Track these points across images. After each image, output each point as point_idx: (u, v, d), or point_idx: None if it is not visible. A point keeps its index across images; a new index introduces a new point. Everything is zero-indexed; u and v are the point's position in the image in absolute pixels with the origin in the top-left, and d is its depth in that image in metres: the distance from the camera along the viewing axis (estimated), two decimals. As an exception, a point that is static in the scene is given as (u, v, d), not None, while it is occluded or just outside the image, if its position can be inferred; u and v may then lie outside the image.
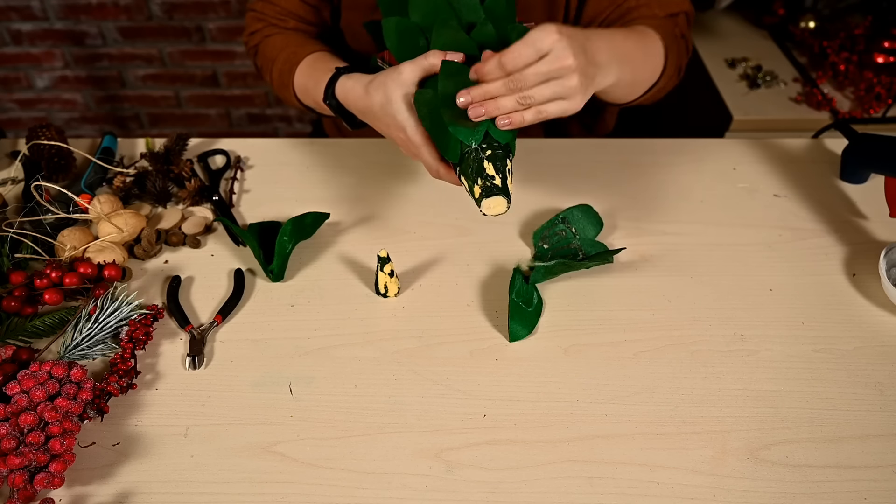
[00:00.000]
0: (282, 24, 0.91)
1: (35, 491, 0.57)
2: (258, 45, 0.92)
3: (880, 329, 0.72)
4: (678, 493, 0.58)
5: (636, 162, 0.94)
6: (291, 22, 0.91)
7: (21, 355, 0.66)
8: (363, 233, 0.83)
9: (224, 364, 0.68)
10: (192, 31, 1.98)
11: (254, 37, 0.93)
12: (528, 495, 0.58)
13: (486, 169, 0.62)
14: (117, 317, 0.69)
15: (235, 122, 2.22)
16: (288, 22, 0.91)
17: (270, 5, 0.91)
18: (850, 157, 0.89)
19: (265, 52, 0.90)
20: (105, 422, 0.63)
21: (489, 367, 0.68)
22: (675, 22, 0.85)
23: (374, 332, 0.72)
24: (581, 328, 0.72)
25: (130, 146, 0.97)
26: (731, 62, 1.39)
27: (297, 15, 0.91)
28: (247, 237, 0.77)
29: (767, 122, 1.26)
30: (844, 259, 0.80)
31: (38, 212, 0.81)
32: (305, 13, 0.91)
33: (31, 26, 1.97)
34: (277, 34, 0.90)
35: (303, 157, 0.95)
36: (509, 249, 0.81)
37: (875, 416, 0.64)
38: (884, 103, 1.25)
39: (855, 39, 1.35)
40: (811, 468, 0.60)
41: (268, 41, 0.90)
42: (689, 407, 0.64)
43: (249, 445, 0.61)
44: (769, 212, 0.86)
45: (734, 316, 0.73)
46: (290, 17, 0.91)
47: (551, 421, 0.63)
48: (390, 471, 0.60)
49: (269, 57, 0.89)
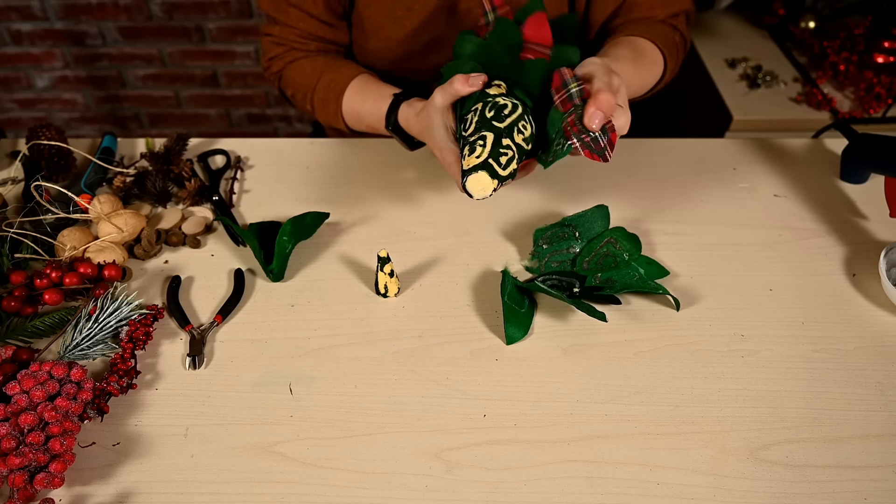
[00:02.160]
0: (304, 48, 0.90)
1: (35, 491, 0.57)
2: (282, 72, 0.91)
3: (880, 329, 0.72)
4: (678, 493, 0.58)
5: (636, 162, 0.94)
6: (314, 45, 0.90)
7: (21, 355, 0.66)
8: (363, 233, 0.83)
9: (224, 364, 0.68)
10: (192, 31, 1.98)
11: (274, 62, 0.91)
12: (528, 495, 0.58)
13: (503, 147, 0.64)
14: (117, 317, 0.69)
15: (235, 122, 2.22)
16: (310, 45, 0.90)
17: (289, 29, 0.88)
18: (850, 157, 0.89)
19: (295, 80, 0.90)
20: (105, 422, 0.63)
21: (489, 367, 0.68)
22: (676, 22, 0.87)
23: (374, 332, 0.72)
24: (581, 328, 0.72)
25: (130, 146, 0.97)
26: (731, 62, 1.39)
27: (318, 36, 0.89)
28: (247, 237, 0.77)
29: (767, 122, 1.26)
30: (844, 259, 0.80)
31: (38, 212, 0.81)
32: (325, 34, 0.89)
33: (31, 26, 1.97)
34: (303, 58, 0.89)
35: (303, 157, 0.95)
36: (509, 249, 0.81)
37: (875, 416, 0.64)
38: (884, 103, 1.25)
39: (855, 39, 1.35)
40: (811, 468, 0.60)
41: (293, 67, 0.89)
42: (689, 407, 0.64)
43: (249, 445, 0.61)
44: (769, 212, 0.86)
45: (734, 316, 0.73)
46: (311, 39, 0.89)
47: (551, 421, 0.63)
48: (390, 471, 0.60)
49: (302, 84, 0.89)
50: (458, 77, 0.68)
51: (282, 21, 0.88)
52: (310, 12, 0.86)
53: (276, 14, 0.88)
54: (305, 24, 0.88)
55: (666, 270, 0.76)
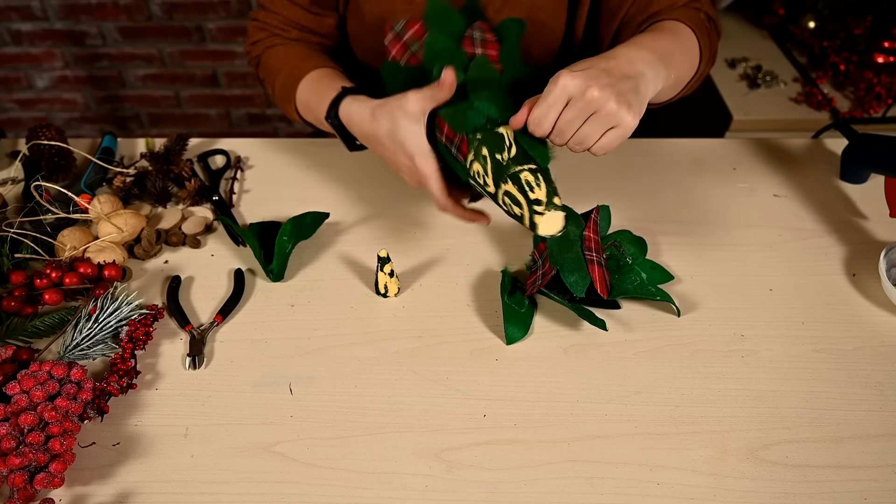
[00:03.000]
0: (284, 35, 0.90)
1: (35, 491, 0.57)
2: (260, 56, 0.91)
3: (880, 329, 0.72)
4: (678, 493, 0.58)
5: (636, 162, 0.94)
6: (294, 32, 0.89)
7: (21, 355, 0.66)
8: (363, 233, 0.83)
9: (224, 364, 0.68)
10: (192, 31, 1.98)
11: (255, 47, 0.92)
12: (528, 495, 0.58)
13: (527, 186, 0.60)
14: (117, 317, 0.69)
15: (235, 122, 2.22)
16: (290, 32, 0.89)
17: (273, 15, 0.89)
18: (850, 157, 0.89)
19: (267, 64, 0.89)
20: (105, 422, 0.63)
21: (489, 368, 0.68)
22: (699, 5, 0.80)
23: (374, 332, 0.72)
24: (581, 328, 0.72)
25: (130, 146, 0.97)
26: (731, 62, 1.39)
27: (300, 25, 0.89)
28: (247, 237, 0.77)
29: (767, 122, 1.26)
30: (844, 259, 0.80)
31: (38, 212, 0.81)
32: (308, 22, 0.89)
33: (31, 26, 1.97)
34: (280, 45, 0.89)
35: (303, 157, 0.95)
36: (509, 250, 0.81)
37: (875, 416, 0.64)
38: (884, 103, 1.25)
39: (855, 39, 1.35)
40: (811, 468, 0.60)
41: (270, 52, 0.89)
42: (689, 407, 0.64)
43: (249, 445, 0.61)
44: (769, 212, 0.86)
45: (734, 316, 0.73)
46: (292, 27, 0.89)
47: (551, 421, 0.63)
48: (390, 471, 0.60)
49: (272, 69, 0.88)
50: (439, 85, 0.64)
51: (268, 7, 0.89)
52: (294, 0, 0.87)
53: (264, 0, 0.89)
54: (289, 12, 0.88)
55: (670, 275, 0.75)
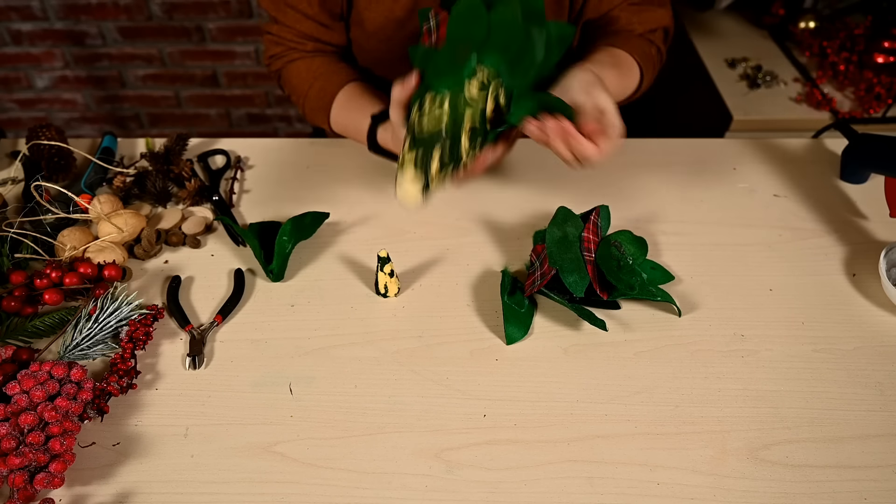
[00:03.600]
0: (301, 48, 0.90)
1: (35, 491, 0.57)
2: (281, 71, 0.93)
3: (880, 329, 0.72)
4: (678, 493, 0.58)
5: (636, 162, 0.94)
6: (310, 45, 0.90)
7: (21, 355, 0.66)
8: (363, 233, 0.83)
9: (224, 364, 0.68)
10: (192, 31, 1.98)
11: (274, 61, 0.93)
12: (528, 495, 0.58)
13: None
14: (117, 317, 0.69)
15: (235, 122, 2.22)
16: (306, 45, 0.90)
17: (286, 28, 0.89)
18: (850, 157, 0.89)
19: (291, 82, 0.91)
20: (105, 422, 0.63)
21: (489, 368, 0.68)
22: (653, 38, 0.89)
23: (374, 332, 0.72)
24: (581, 328, 0.72)
25: (130, 146, 0.97)
26: (731, 62, 1.39)
27: (314, 37, 0.90)
28: (247, 237, 0.77)
29: (767, 122, 1.25)
30: (844, 259, 0.80)
31: (38, 212, 0.81)
32: (321, 35, 0.90)
33: (31, 26, 1.97)
34: (300, 59, 0.90)
35: (303, 157, 0.95)
36: (509, 250, 0.81)
37: (875, 416, 0.64)
38: (884, 103, 1.25)
39: (855, 39, 1.35)
40: (811, 468, 0.60)
41: (291, 67, 0.91)
42: (689, 407, 0.64)
43: (249, 445, 0.61)
44: (769, 212, 0.86)
45: (734, 316, 0.73)
46: (307, 39, 0.90)
47: (551, 421, 0.63)
48: (390, 471, 0.60)
49: (297, 88, 0.91)
50: (396, 86, 0.70)
51: (280, 20, 0.89)
52: (305, 13, 0.87)
53: (275, 13, 0.89)
54: (302, 26, 0.88)
55: (671, 275, 0.75)
